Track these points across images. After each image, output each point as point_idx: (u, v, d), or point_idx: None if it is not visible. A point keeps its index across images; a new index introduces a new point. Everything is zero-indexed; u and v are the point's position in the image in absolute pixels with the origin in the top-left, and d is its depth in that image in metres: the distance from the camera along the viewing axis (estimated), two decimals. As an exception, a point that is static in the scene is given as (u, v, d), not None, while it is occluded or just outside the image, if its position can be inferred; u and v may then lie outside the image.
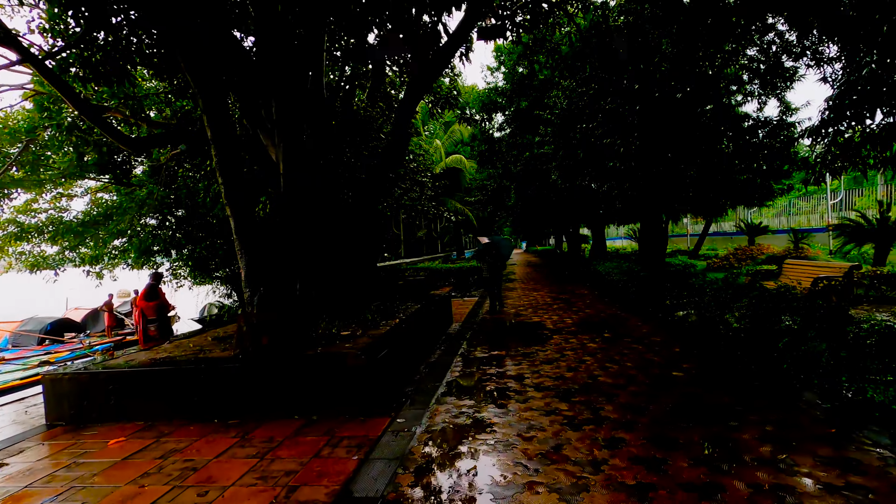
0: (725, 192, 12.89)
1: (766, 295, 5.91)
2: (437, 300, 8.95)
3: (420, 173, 16.07)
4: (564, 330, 8.31)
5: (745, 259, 16.88)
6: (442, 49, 6.63)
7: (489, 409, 4.57)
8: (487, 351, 7.03)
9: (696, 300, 7.48)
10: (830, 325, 4.15)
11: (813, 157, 6.47)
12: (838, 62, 8.17)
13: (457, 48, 6.76)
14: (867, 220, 11.87)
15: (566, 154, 13.48)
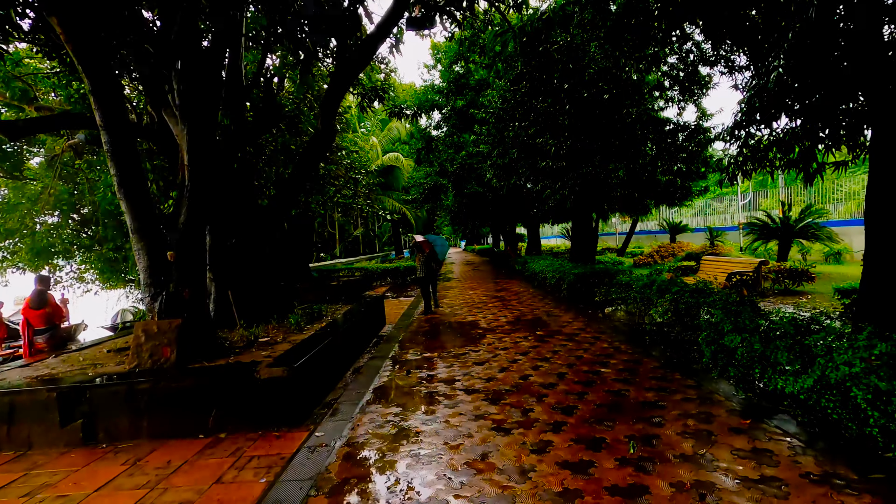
0: (649, 192, 13.52)
1: (687, 290, 6.12)
2: (369, 301, 8.59)
3: (354, 170, 15.55)
4: (498, 329, 8.25)
5: (668, 256, 17.89)
6: (368, 38, 6.30)
7: (416, 416, 4.32)
8: (419, 353, 6.79)
9: (623, 296, 7.67)
10: (743, 318, 4.29)
11: (726, 159, 6.79)
12: (748, 70, 8.72)
13: (384, 36, 6.45)
14: (772, 220, 12.89)
15: (500, 153, 13.55)
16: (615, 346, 6.49)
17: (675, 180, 13.80)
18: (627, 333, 7.21)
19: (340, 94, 6.48)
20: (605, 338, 7.09)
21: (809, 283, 10.23)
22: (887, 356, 2.82)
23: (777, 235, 12.82)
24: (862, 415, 2.85)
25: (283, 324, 6.78)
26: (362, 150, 20.63)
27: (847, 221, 16.78)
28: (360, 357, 6.79)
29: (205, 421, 4.23)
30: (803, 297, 9.64)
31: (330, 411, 4.60)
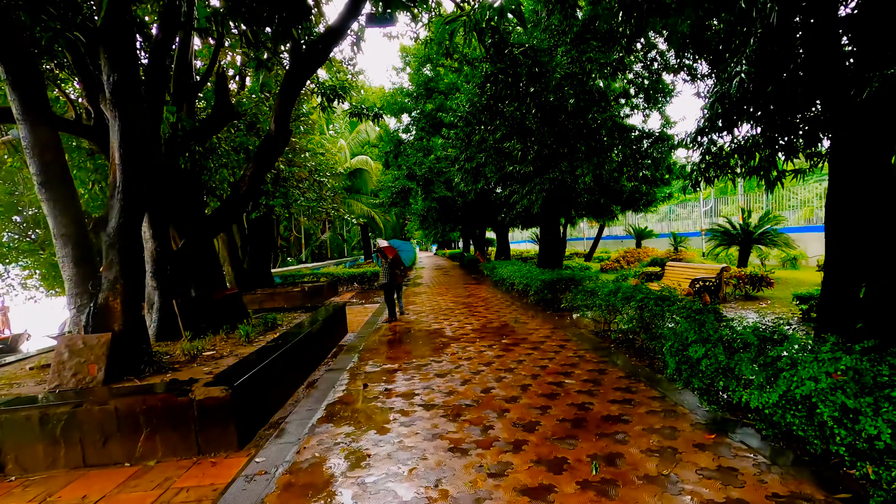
0: (615, 197, 13.62)
1: (651, 298, 6.03)
2: (330, 309, 8.21)
3: (319, 173, 15.09)
4: (464, 337, 8.01)
5: (634, 261, 18.10)
6: (325, 34, 5.98)
7: (368, 436, 4.02)
8: (379, 365, 6.47)
9: (588, 303, 7.57)
10: (707, 329, 4.18)
11: (689, 166, 6.79)
12: (710, 77, 8.82)
13: (342, 31, 6.14)
14: (733, 226, 13.16)
15: (468, 157, 13.39)
16: (580, 355, 6.35)
17: (641, 186, 13.96)
18: (593, 341, 7.10)
19: (295, 92, 6.13)
20: (570, 346, 6.95)
21: (768, 288, 10.43)
22: (853, 371, 2.71)
23: (738, 241, 13.10)
24: (828, 432, 2.73)
25: (232, 335, 6.35)
26: (329, 153, 20.13)
27: (802, 228, 17.39)
28: (317, 369, 6.42)
29: (132, 447, 3.81)
30: (763, 303, 9.80)
31: (276, 432, 4.24)
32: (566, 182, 12.93)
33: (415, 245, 77.30)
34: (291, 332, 6.15)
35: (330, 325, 7.60)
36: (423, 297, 14.75)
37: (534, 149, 10.56)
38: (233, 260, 13.91)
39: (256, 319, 7.38)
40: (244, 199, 6.58)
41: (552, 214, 13.91)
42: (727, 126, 5.60)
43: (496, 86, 7.90)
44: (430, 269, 30.66)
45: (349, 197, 31.04)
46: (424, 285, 19.03)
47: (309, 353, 6.18)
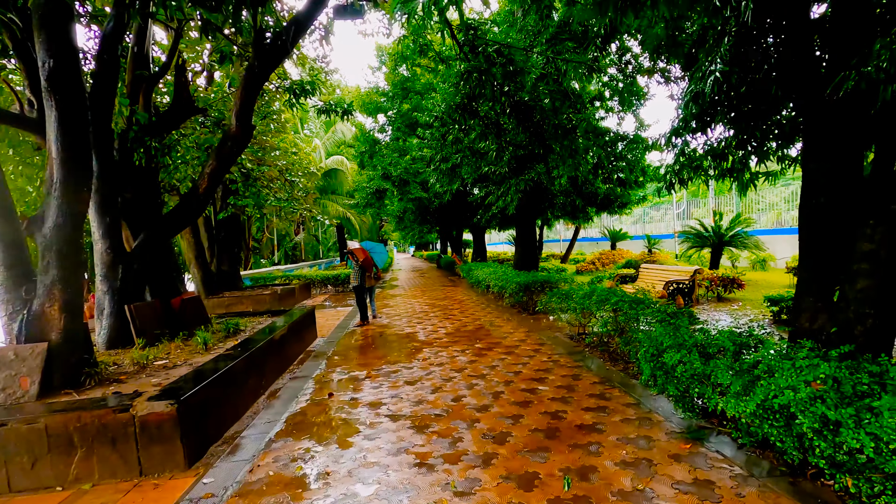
0: (591, 199, 13.62)
1: (626, 301, 5.93)
2: (298, 312, 7.87)
3: (290, 172, 14.67)
4: (436, 342, 7.79)
5: (609, 263, 18.21)
6: (288, 25, 5.69)
7: (329, 452, 3.75)
8: (347, 371, 6.19)
9: (563, 306, 7.44)
10: (682, 334, 4.07)
11: (663, 168, 6.74)
12: (683, 81, 8.84)
13: (307, 23, 5.86)
14: (705, 229, 13.32)
15: (444, 158, 13.19)
16: (554, 360, 6.20)
17: (615, 188, 14.01)
18: (567, 345, 6.97)
19: (257, 85, 5.80)
20: (545, 350, 6.81)
21: (740, 290, 10.54)
22: (832, 380, 2.60)
23: (710, 244, 13.26)
24: (807, 443, 2.61)
25: (189, 342, 5.98)
26: (302, 152, 19.65)
27: (771, 230, 17.78)
28: (281, 377, 6.10)
29: (65, 469, 3.45)
30: (735, 305, 9.88)
31: (229, 448, 3.93)
32: (542, 183, 12.87)
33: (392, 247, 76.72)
34: (253, 339, 5.82)
35: (297, 330, 7.28)
36: (398, 299, 14.48)
37: (509, 149, 10.43)
38: (199, 262, 13.37)
39: (219, 325, 7.01)
40: (204, 197, 6.22)
41: (528, 216, 13.83)
42: (701, 127, 5.54)
43: (470, 84, 7.71)
44: (406, 271, 30.35)
45: (324, 197, 30.51)
46: (400, 287, 18.74)
47: (272, 361, 5.86)
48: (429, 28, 10.13)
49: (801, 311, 4.16)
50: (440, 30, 7.94)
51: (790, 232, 18.11)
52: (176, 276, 7.14)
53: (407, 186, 18.82)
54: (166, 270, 6.89)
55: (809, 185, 4.19)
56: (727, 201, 25.98)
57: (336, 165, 29.59)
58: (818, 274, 4.06)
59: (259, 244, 29.24)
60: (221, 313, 9.63)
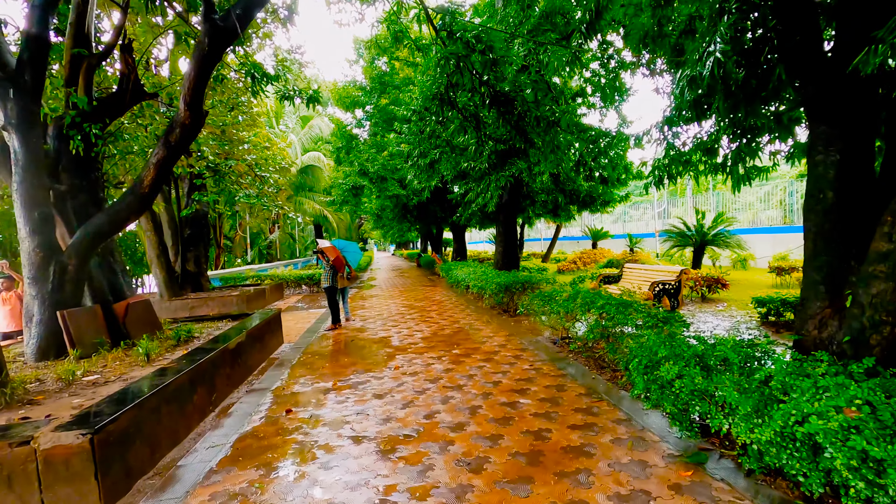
0: (572, 197, 13.28)
1: (612, 304, 5.53)
2: (261, 317, 7.27)
3: (260, 167, 13.94)
4: (411, 347, 7.28)
5: (590, 262, 17.95)
6: None
7: (277, 485, 3.22)
8: (311, 383, 5.64)
9: (546, 309, 7.02)
10: (679, 343, 3.66)
11: (653, 163, 6.36)
12: (669, 73, 8.50)
13: None
14: (687, 227, 13.10)
15: (422, 153, 12.67)
16: (537, 367, 5.76)
17: (597, 186, 13.70)
18: (550, 350, 6.54)
19: (208, 66, 5.19)
20: (527, 356, 6.37)
21: (724, 290, 10.30)
22: (870, 406, 2.19)
23: (692, 243, 13.05)
24: (837, 479, 2.19)
25: (131, 352, 5.35)
26: (275, 146, 18.86)
27: (749, 230, 17.75)
28: (237, 389, 5.52)
29: (-50, 515, 2.85)
30: (720, 305, 9.63)
31: (161, 482, 3.36)
32: (523, 180, 12.46)
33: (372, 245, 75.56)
34: (203, 348, 5.22)
35: (259, 336, 6.68)
36: (375, 300, 13.91)
37: (489, 144, 9.97)
38: (162, 261, 12.56)
39: (171, 331, 6.36)
40: (150, 190, 5.58)
41: (509, 213, 13.41)
42: (695, 116, 5.16)
43: (447, 71, 7.22)
44: (385, 270, 29.72)
45: (300, 195, 29.67)
46: (378, 287, 18.15)
47: (225, 372, 5.27)
48: (404, 12, 9.62)
49: (808, 318, 3.79)
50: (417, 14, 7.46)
51: (770, 231, 18.15)
52: (123, 277, 6.46)
53: (385, 183, 18.23)
54: (110, 271, 6.22)
55: (816, 179, 3.81)
56: (704, 200, 26.10)
57: (313, 162, 28.77)
58: (827, 276, 3.69)
59: (232, 243, 28.22)
60: (181, 317, 8.98)
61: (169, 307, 11.73)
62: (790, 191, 19.92)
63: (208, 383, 4.79)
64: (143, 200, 5.63)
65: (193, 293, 13.35)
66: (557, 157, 10.15)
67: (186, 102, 5.23)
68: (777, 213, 20.61)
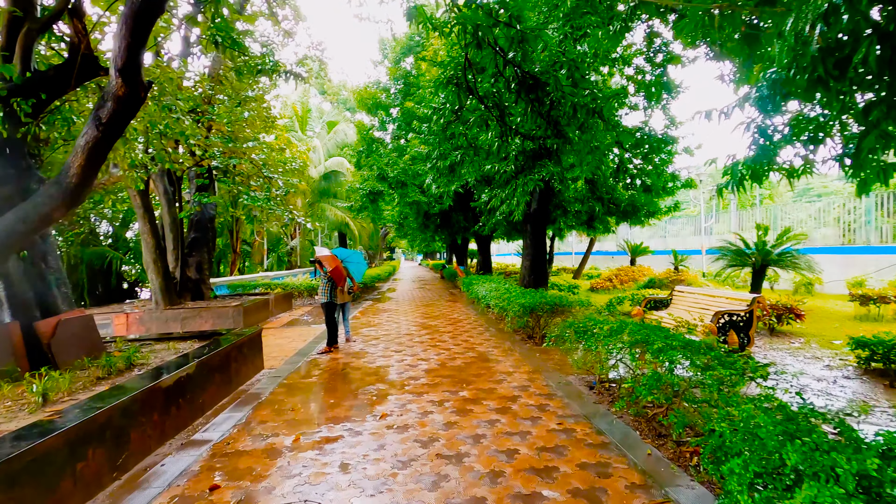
0: (610, 207, 11.70)
1: (675, 344, 4.02)
2: (232, 339, 6.02)
3: (269, 167, 12.93)
4: (410, 384, 5.89)
5: (627, 280, 16.18)
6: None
7: None
8: (267, 435, 4.31)
9: (583, 344, 5.51)
10: (817, 437, 2.14)
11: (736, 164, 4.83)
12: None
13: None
14: (746, 244, 11.28)
15: (442, 154, 11.37)
16: (569, 429, 4.26)
17: (640, 195, 12.07)
18: (587, 400, 5.02)
19: (144, 22, 4.02)
20: (554, 406, 4.87)
21: (797, 321, 8.50)
22: None
23: (750, 262, 11.20)
24: None
25: (22, 385, 4.15)
26: (293, 148, 17.96)
27: (815, 249, 15.60)
28: (170, 440, 4.24)
29: None
30: (794, 341, 7.85)
31: None
32: (553, 186, 10.98)
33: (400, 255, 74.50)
34: (127, 387, 3.97)
35: (220, 366, 5.43)
36: (386, 315, 12.60)
37: (514, 141, 8.56)
38: (159, 267, 11.63)
39: (116, 356, 5.17)
40: (80, 180, 4.43)
41: (537, 224, 11.91)
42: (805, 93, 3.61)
43: (465, 43, 5.89)
44: (408, 281, 28.52)
45: (323, 201, 28.88)
46: (394, 300, 16.87)
47: (151, 421, 4.00)
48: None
49: None
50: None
51: (836, 251, 15.96)
52: (60, 288, 5.34)
53: (405, 189, 17.01)
54: (40, 281, 5.10)
55: None
56: (749, 217, 23.82)
57: (336, 167, 27.95)
58: None
59: (251, 248, 27.61)
60: (157, 336, 7.91)
61: (160, 318, 10.74)
62: (849, 207, 17.70)
63: (118, 438, 3.52)
64: (72, 193, 4.47)
65: (192, 302, 12.38)
66: (596, 158, 8.65)
67: (118, 68, 4.06)
68: (833, 232, 18.37)
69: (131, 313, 10.66)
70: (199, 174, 12.82)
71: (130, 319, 10.59)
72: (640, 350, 4.47)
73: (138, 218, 11.55)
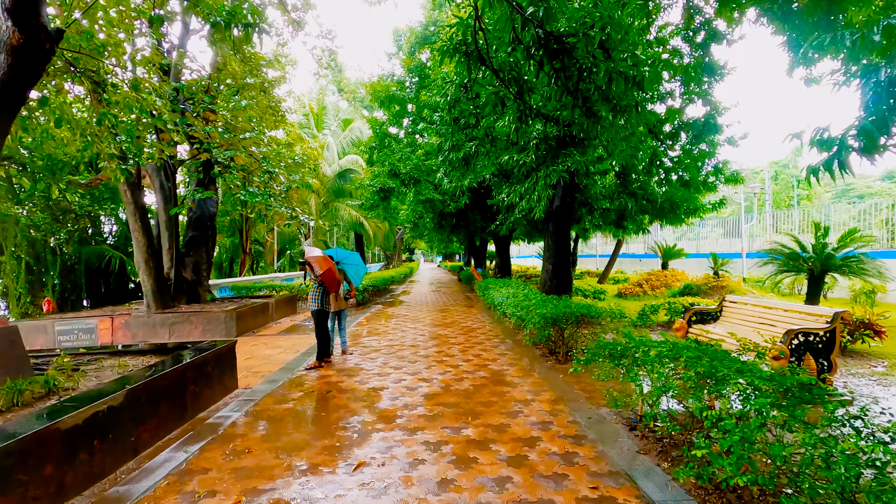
0: (649, 204, 10.41)
1: (757, 379, 2.83)
2: (188, 356, 5.03)
3: (270, 161, 12.03)
4: (404, 415, 4.79)
5: (660, 286, 14.77)
6: None
7: None
8: (207, 489, 3.27)
9: (620, 371, 4.33)
10: None
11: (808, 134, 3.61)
12: (816, 12, 5.60)
13: None
14: (802, 247, 9.84)
15: (455, 145, 10.26)
16: (608, 496, 3.09)
17: (678, 190, 10.73)
18: (624, 446, 3.83)
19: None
20: (585, 455, 3.70)
21: (875, 339, 7.10)
22: None
23: (807, 268, 9.75)
24: None
25: None
26: (303, 143, 17.10)
27: (877, 253, 13.93)
28: (73, 499, 3.24)
29: None
30: (876, 364, 6.46)
31: None
32: (577, 182, 9.76)
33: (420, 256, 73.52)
34: (8, 431, 2.98)
35: (168, 392, 4.43)
36: (393, 322, 11.55)
37: (536, 126, 7.39)
38: (151, 267, 10.83)
39: (38, 377, 4.22)
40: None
41: (560, 223, 10.69)
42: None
43: (476, 2, 4.80)
44: (424, 284, 27.49)
45: (337, 201, 28.10)
46: (406, 304, 15.83)
47: (26, 484, 2.99)
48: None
49: None
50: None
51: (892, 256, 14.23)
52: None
53: (418, 185, 15.96)
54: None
55: None
56: (786, 217, 22.01)
57: (350, 166, 27.11)
58: None
59: (264, 248, 26.98)
60: (123, 348, 7.03)
61: (147, 322, 9.91)
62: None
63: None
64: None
65: (187, 305, 11.56)
66: (631, 146, 7.43)
67: (7, 9, 3.08)
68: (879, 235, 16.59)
69: (116, 317, 9.85)
70: (197, 168, 12.02)
71: (115, 324, 9.79)
72: (705, 387, 3.28)
73: (128, 215, 10.77)
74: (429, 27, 18.74)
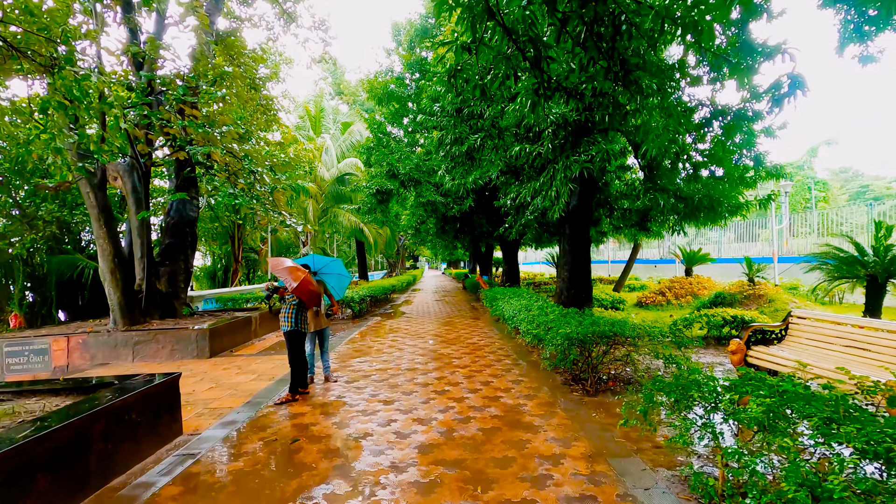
0: (683, 202, 9.11)
1: None
2: (114, 397, 3.78)
3: (253, 160, 10.83)
4: (388, 482, 3.51)
5: (685, 295, 13.40)
6: None
7: None
8: None
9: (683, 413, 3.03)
10: None
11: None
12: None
13: None
14: (861, 251, 8.49)
15: (458, 138, 9.03)
16: None
17: (716, 186, 9.42)
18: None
19: None
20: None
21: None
22: None
23: (865, 274, 8.40)
24: None
25: None
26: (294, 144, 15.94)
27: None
28: None
29: None
30: None
31: None
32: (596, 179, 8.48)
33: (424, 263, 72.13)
34: None
35: (51, 462, 3.18)
36: (390, 337, 10.26)
37: (554, 107, 6.13)
38: (118, 278, 9.62)
39: None
40: None
41: (578, 224, 9.40)
42: None
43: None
44: (427, 292, 26.19)
45: (336, 206, 26.92)
46: (406, 316, 14.53)
47: None
48: None
49: None
50: None
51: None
52: None
53: (419, 187, 14.73)
54: None
55: None
56: (802, 220, 20.65)
57: (350, 170, 25.95)
58: None
59: (259, 256, 25.82)
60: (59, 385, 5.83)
61: (108, 342, 8.68)
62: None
63: None
64: None
65: (160, 321, 10.32)
66: (672, 128, 6.17)
67: None
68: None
69: (73, 336, 8.62)
70: (175, 168, 10.85)
71: (71, 344, 8.56)
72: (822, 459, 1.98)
73: (92, 220, 9.58)
74: (428, 18, 17.64)
